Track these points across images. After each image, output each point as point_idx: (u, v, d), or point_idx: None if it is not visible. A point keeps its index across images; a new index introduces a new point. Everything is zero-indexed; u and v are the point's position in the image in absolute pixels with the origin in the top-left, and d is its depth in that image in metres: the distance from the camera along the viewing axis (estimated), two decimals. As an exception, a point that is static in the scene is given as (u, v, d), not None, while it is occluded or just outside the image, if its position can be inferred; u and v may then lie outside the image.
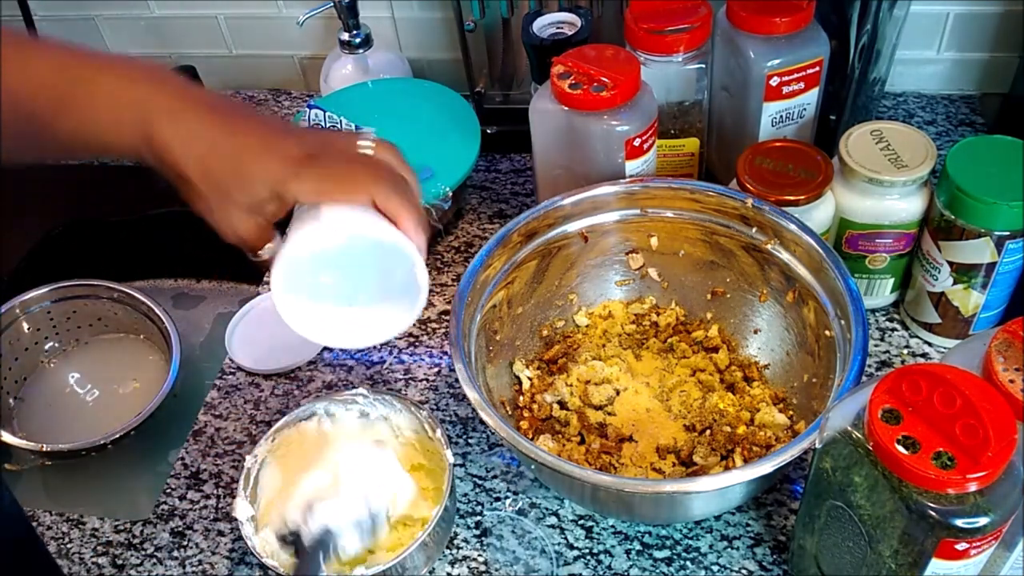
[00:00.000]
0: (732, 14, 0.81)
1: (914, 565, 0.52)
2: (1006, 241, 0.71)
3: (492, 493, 0.75)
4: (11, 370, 1.04)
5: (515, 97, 1.04)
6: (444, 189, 0.88)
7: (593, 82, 0.76)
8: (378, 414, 0.73)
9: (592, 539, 0.71)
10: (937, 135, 1.00)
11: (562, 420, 0.75)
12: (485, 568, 0.70)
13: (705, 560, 0.69)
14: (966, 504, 0.48)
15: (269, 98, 1.21)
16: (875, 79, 0.92)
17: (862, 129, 0.77)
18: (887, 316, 0.84)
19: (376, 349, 0.87)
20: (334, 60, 1.05)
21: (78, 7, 1.18)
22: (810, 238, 0.71)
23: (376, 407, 0.73)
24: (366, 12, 1.03)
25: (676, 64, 0.82)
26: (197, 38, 1.18)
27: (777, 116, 0.84)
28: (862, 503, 0.53)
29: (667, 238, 0.80)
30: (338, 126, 0.91)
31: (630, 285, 0.83)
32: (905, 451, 0.49)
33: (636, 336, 0.81)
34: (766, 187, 0.75)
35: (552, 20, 0.91)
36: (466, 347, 0.69)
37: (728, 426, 0.73)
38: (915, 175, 0.73)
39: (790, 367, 0.75)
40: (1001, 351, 0.55)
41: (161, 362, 1.06)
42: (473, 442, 0.79)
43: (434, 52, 1.11)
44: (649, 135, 0.79)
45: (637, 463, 0.72)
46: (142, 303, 1.04)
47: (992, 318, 0.78)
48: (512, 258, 0.77)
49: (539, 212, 0.77)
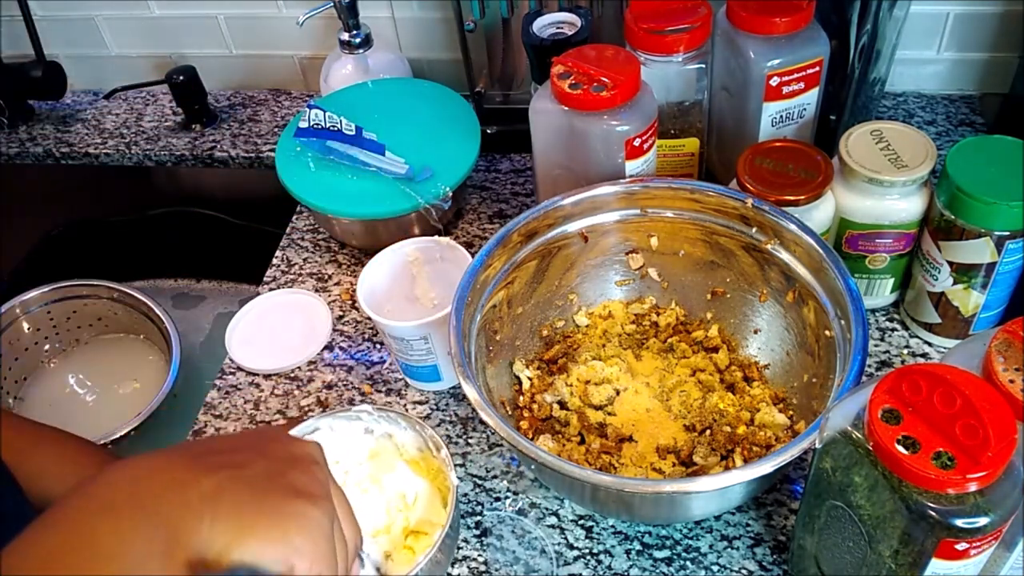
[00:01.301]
0: (732, 14, 0.81)
1: (914, 565, 0.52)
2: (1006, 241, 0.71)
3: (492, 493, 0.75)
4: (11, 370, 1.05)
5: (515, 97, 1.04)
6: (444, 189, 0.88)
7: (593, 82, 0.76)
8: (382, 431, 0.72)
9: (592, 539, 0.71)
10: (937, 135, 1.00)
11: (562, 420, 0.75)
12: (485, 568, 0.70)
13: (705, 560, 0.69)
14: (966, 504, 0.48)
15: (269, 98, 1.21)
16: (875, 79, 0.92)
17: (862, 129, 0.77)
18: (887, 316, 0.84)
19: (376, 349, 0.87)
20: (334, 60, 1.05)
21: (78, 7, 1.18)
22: (810, 238, 0.71)
23: (380, 424, 0.71)
24: (366, 12, 1.03)
25: (676, 64, 0.82)
26: (197, 38, 1.18)
27: (777, 116, 0.84)
28: (862, 503, 0.53)
29: (667, 238, 0.80)
30: (338, 126, 0.91)
31: (630, 285, 0.83)
32: (905, 451, 0.49)
33: (636, 336, 0.81)
34: (766, 187, 0.75)
35: (552, 20, 0.91)
36: (466, 347, 0.69)
37: (728, 426, 0.73)
38: (915, 175, 0.73)
39: (790, 367, 0.75)
40: (1001, 351, 0.55)
41: (161, 362, 1.06)
42: (473, 442, 0.79)
43: (434, 52, 1.11)
44: (649, 135, 0.79)
45: (637, 463, 0.72)
46: (142, 303, 1.04)
47: (992, 318, 0.78)
48: (512, 258, 0.77)
49: (539, 212, 0.77)
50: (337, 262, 0.97)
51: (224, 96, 1.22)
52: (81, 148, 1.17)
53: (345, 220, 0.90)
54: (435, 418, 0.81)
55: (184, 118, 1.17)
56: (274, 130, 1.15)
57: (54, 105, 1.24)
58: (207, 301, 1.21)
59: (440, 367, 0.80)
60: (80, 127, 1.20)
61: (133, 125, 1.19)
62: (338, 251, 0.99)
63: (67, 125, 1.21)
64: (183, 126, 1.17)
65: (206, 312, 1.19)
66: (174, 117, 1.19)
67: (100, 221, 1.25)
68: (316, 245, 1.00)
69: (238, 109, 1.19)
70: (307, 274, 0.96)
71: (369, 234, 0.92)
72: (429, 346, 0.77)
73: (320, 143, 0.92)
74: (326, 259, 0.98)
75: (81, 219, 1.25)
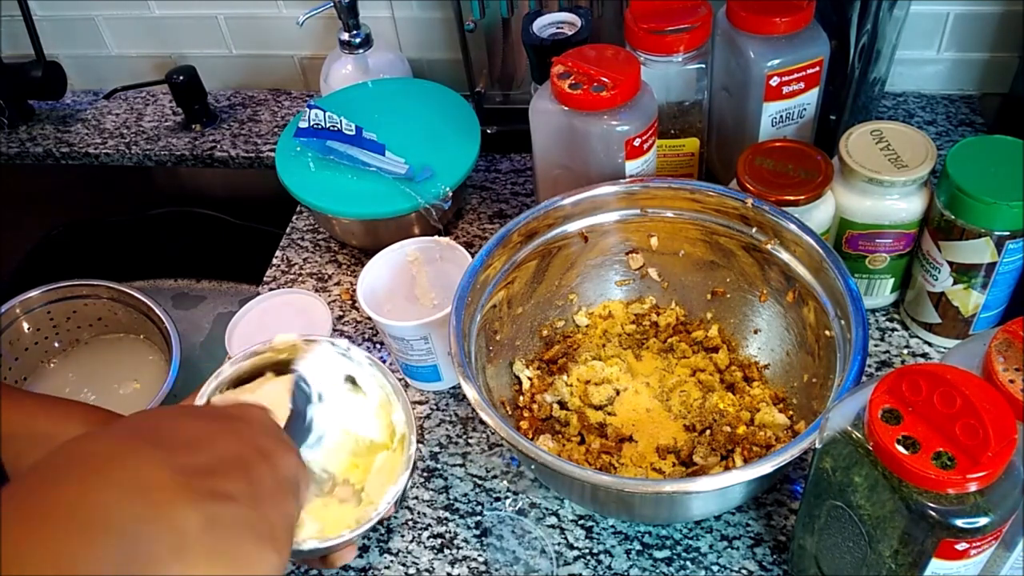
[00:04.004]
0: (732, 14, 0.81)
1: (914, 565, 0.52)
2: (1006, 241, 0.71)
3: (492, 493, 0.75)
4: (11, 370, 1.05)
5: (515, 97, 1.04)
6: (444, 189, 0.88)
7: (593, 82, 0.76)
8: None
9: (592, 539, 0.71)
10: (937, 135, 1.00)
11: (562, 420, 0.75)
12: (485, 568, 0.70)
13: (705, 560, 0.69)
14: (966, 504, 0.48)
15: (269, 98, 1.21)
16: (875, 79, 0.92)
17: (862, 129, 0.77)
18: (887, 316, 0.84)
19: (376, 349, 0.87)
20: (334, 60, 1.05)
21: (78, 7, 1.18)
22: (810, 238, 0.71)
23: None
24: (366, 12, 1.03)
25: (676, 64, 0.82)
26: (197, 38, 1.18)
27: (777, 116, 0.84)
28: (862, 503, 0.53)
29: (667, 238, 0.80)
30: (338, 126, 0.91)
31: (630, 285, 0.83)
32: (905, 451, 0.49)
33: (636, 336, 0.81)
34: (766, 187, 0.75)
35: (552, 20, 0.91)
36: (466, 347, 0.69)
37: (728, 426, 0.73)
38: (915, 175, 0.73)
39: (790, 367, 0.75)
40: (1001, 351, 0.55)
41: (161, 362, 1.06)
42: (473, 442, 0.79)
43: (434, 52, 1.11)
44: (649, 135, 0.79)
45: (637, 463, 0.72)
46: (142, 303, 1.04)
47: (992, 318, 0.78)
48: (512, 258, 0.77)
49: (539, 212, 0.77)
50: (337, 262, 0.97)
51: (224, 96, 1.22)
52: (81, 148, 1.17)
53: (345, 220, 0.90)
54: (435, 418, 0.81)
55: (184, 118, 1.17)
56: (274, 130, 1.15)
57: (54, 105, 1.24)
58: (207, 301, 1.21)
59: (440, 367, 0.80)
60: (80, 127, 1.20)
61: (133, 125, 1.19)
62: (338, 251, 0.99)
63: (67, 125, 1.21)
64: (183, 126, 1.17)
65: (206, 312, 1.19)
66: (174, 117, 1.19)
67: (100, 221, 1.25)
68: (316, 245, 1.00)
69: (238, 109, 1.19)
70: (307, 274, 0.96)
71: (369, 234, 0.92)
72: (429, 346, 0.77)
73: (320, 143, 0.92)
74: (326, 259, 0.98)
75: (81, 219, 1.25)
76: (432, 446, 0.79)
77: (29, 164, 1.19)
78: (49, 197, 1.24)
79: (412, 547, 0.72)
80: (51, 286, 1.05)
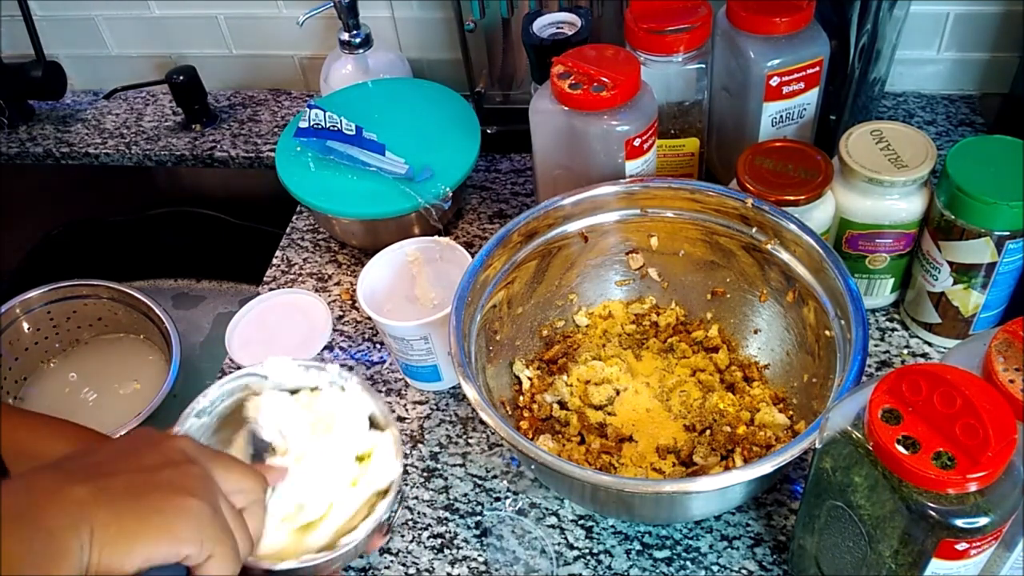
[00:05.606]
0: (732, 14, 0.81)
1: (914, 565, 0.52)
2: (1006, 241, 0.71)
3: (492, 493, 0.75)
4: (11, 370, 1.05)
5: (515, 97, 1.04)
6: (444, 189, 0.88)
7: (593, 82, 0.76)
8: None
9: (592, 539, 0.71)
10: (937, 135, 1.00)
11: (562, 420, 0.75)
12: (485, 568, 0.70)
13: (705, 560, 0.69)
14: (966, 504, 0.48)
15: (269, 98, 1.21)
16: (875, 79, 0.92)
17: (862, 129, 0.77)
18: (887, 316, 0.84)
19: (376, 349, 0.87)
20: (334, 60, 1.05)
21: (78, 7, 1.18)
22: (810, 238, 0.71)
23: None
24: (366, 12, 1.03)
25: (676, 64, 0.82)
26: (197, 38, 1.18)
27: (777, 116, 0.84)
28: (862, 503, 0.53)
29: (667, 238, 0.80)
30: (338, 126, 0.91)
31: (630, 285, 0.83)
32: (905, 451, 0.49)
33: (636, 336, 0.81)
34: (766, 187, 0.75)
35: (552, 20, 0.91)
36: (466, 347, 0.69)
37: (728, 426, 0.73)
38: (915, 175, 0.73)
39: (790, 367, 0.75)
40: (1001, 351, 0.55)
41: (161, 362, 1.06)
42: (473, 442, 0.79)
43: (434, 52, 1.11)
44: (649, 135, 0.79)
45: (637, 463, 0.72)
46: (142, 303, 1.04)
47: (992, 318, 0.78)
48: (512, 258, 0.77)
49: (539, 212, 0.77)
50: (337, 262, 0.97)
51: (224, 96, 1.22)
52: (81, 148, 1.17)
53: (345, 220, 0.90)
54: (435, 418, 0.81)
55: (184, 118, 1.17)
56: (274, 130, 1.15)
57: (54, 105, 1.24)
58: (207, 301, 1.21)
59: (440, 367, 0.80)
60: (80, 127, 1.20)
61: (133, 125, 1.19)
62: (338, 251, 0.99)
63: (67, 125, 1.21)
64: (183, 126, 1.17)
65: (206, 312, 1.19)
66: (174, 117, 1.19)
67: (100, 221, 1.25)
68: (316, 245, 1.00)
69: (238, 109, 1.19)
70: (307, 274, 0.96)
71: (369, 234, 0.92)
72: (429, 346, 0.77)
73: (320, 143, 0.92)
74: (326, 259, 0.98)
75: (81, 219, 1.25)
76: (432, 446, 0.79)
77: (29, 164, 1.19)
78: (49, 197, 1.24)
79: (412, 547, 0.72)
80: (51, 286, 1.05)
